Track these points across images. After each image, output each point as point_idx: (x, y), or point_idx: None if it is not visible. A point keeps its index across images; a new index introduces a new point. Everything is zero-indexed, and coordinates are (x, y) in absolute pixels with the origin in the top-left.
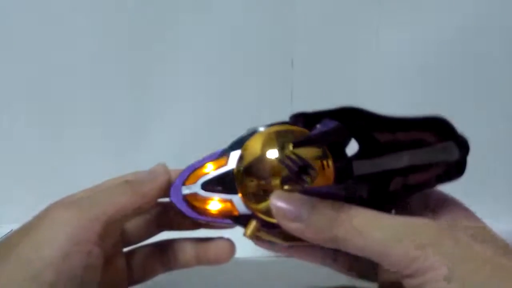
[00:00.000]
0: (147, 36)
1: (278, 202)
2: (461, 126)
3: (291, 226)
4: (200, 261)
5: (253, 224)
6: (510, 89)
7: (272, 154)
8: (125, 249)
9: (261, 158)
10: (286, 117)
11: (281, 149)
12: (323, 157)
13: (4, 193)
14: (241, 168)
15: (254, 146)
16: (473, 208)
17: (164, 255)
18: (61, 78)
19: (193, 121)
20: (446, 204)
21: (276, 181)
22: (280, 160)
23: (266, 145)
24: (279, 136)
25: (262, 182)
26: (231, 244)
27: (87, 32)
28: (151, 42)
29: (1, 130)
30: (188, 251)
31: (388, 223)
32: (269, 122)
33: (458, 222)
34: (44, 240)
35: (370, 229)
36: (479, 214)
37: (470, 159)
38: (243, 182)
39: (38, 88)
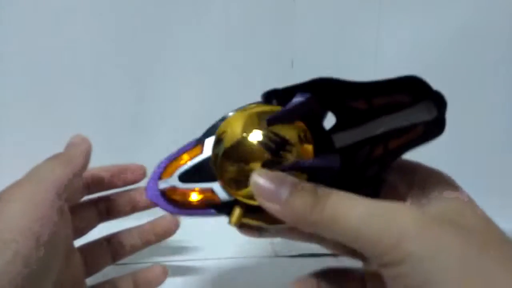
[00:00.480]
0: (147, 36)
1: (258, 179)
2: (462, 125)
3: (271, 207)
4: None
5: (237, 211)
6: (511, 88)
7: (251, 134)
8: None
9: (241, 139)
10: None
11: (259, 129)
12: (300, 132)
13: None
14: (220, 152)
15: (233, 128)
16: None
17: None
18: (61, 77)
19: (193, 120)
20: (432, 181)
21: (258, 164)
22: (256, 139)
23: (245, 126)
24: (256, 116)
25: (243, 165)
26: (162, 269)
27: (87, 31)
28: (151, 43)
29: (1, 130)
30: (125, 282)
31: (365, 209)
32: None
33: (441, 206)
34: (8, 217)
35: (346, 216)
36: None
37: (470, 158)
38: (222, 167)
39: (38, 87)
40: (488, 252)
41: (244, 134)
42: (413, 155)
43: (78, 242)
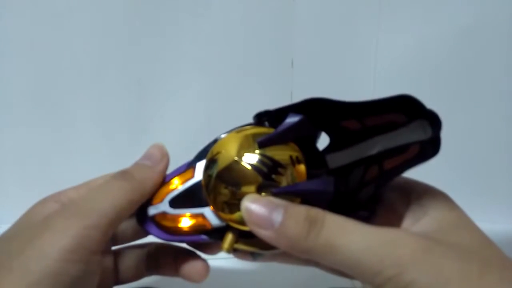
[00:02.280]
0: (148, 36)
1: (249, 205)
2: (462, 126)
3: (263, 234)
4: (178, 274)
5: (229, 236)
6: (510, 89)
7: (245, 157)
8: (114, 248)
9: (235, 161)
10: None
11: (253, 151)
12: (293, 154)
13: (3, 194)
14: (214, 173)
15: (227, 149)
16: (472, 207)
17: (150, 260)
18: (61, 78)
19: (193, 120)
20: (428, 200)
21: (251, 188)
22: (248, 163)
23: (240, 148)
24: (252, 137)
25: (237, 188)
26: (205, 267)
27: (87, 32)
28: (152, 43)
29: (1, 130)
30: (170, 262)
31: (363, 239)
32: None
33: (438, 227)
34: (46, 252)
35: (343, 244)
36: (478, 214)
37: (470, 159)
38: (214, 191)
39: (38, 88)
40: (488, 275)
41: (239, 156)
42: None
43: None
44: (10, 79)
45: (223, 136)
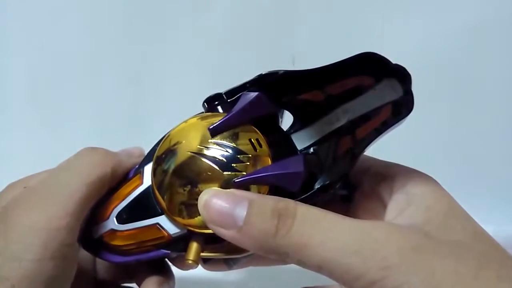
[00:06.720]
0: (147, 35)
1: (208, 201)
2: (465, 125)
3: (225, 234)
4: None
5: (193, 245)
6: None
7: (208, 149)
8: None
9: (197, 154)
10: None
11: (206, 141)
12: (253, 138)
13: None
14: (171, 168)
15: (189, 139)
16: (476, 209)
17: (128, 270)
18: (60, 77)
19: None
20: (413, 186)
21: (215, 185)
22: (201, 154)
23: (202, 138)
24: (205, 126)
25: (196, 186)
26: None
27: (86, 30)
28: (151, 41)
29: (1, 131)
30: (144, 272)
31: (340, 234)
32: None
33: (426, 217)
34: (16, 254)
35: (318, 242)
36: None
37: (474, 158)
38: (171, 187)
39: (35, 87)
40: (485, 273)
41: (200, 148)
42: (410, 152)
43: None
44: (7, 78)
45: (182, 123)
